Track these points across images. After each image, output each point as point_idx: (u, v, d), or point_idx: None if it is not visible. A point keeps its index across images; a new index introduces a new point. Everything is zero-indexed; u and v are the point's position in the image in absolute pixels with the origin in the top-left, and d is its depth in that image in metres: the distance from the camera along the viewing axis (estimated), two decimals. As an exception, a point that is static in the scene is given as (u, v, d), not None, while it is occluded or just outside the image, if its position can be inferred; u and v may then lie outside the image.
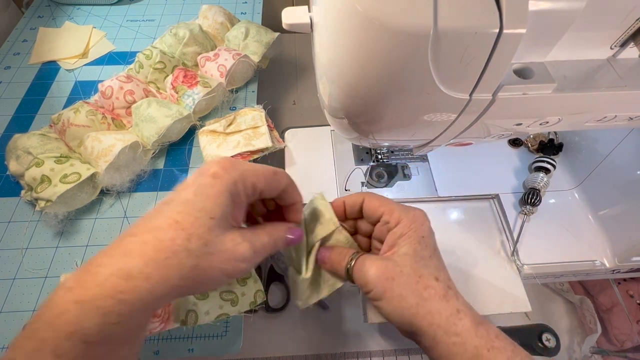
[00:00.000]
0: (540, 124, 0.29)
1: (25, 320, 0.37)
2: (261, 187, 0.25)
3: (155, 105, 0.46)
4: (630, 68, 0.25)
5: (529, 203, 0.44)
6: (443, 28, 0.19)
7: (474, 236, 0.44)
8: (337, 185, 0.47)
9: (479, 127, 0.28)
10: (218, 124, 0.47)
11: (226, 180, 0.23)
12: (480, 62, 0.21)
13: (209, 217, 0.22)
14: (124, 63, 0.58)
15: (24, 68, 0.57)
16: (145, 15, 0.66)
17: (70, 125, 0.46)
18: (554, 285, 0.53)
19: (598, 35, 0.24)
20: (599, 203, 0.45)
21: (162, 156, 0.49)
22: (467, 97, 0.23)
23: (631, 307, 0.50)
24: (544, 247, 0.43)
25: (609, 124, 0.29)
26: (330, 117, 0.33)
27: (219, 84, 0.51)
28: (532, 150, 0.51)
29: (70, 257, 0.41)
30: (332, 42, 0.24)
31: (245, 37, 0.55)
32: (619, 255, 0.42)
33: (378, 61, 0.22)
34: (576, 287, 0.53)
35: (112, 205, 0.45)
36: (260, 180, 0.25)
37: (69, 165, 0.41)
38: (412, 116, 0.27)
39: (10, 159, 0.44)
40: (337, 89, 0.27)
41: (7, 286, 0.39)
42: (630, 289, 0.51)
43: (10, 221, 0.43)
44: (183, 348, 0.36)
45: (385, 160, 0.49)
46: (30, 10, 0.66)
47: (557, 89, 0.24)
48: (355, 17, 0.21)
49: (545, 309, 0.52)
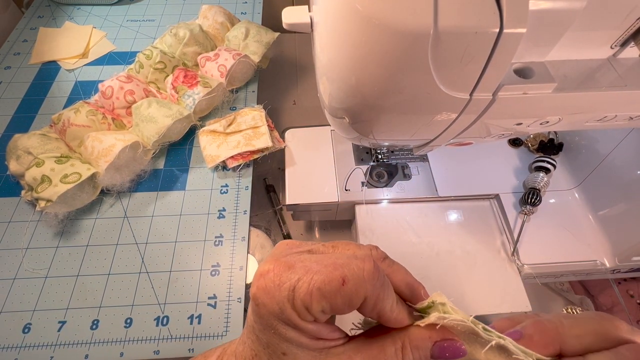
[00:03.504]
0: (541, 124, 0.28)
1: (25, 320, 0.37)
2: (320, 308, 0.18)
3: (156, 105, 0.46)
4: (631, 68, 0.25)
5: (529, 203, 0.44)
6: (443, 28, 0.19)
7: (474, 236, 0.44)
8: (337, 185, 0.47)
9: (479, 127, 0.28)
10: (218, 124, 0.47)
11: (265, 314, 0.19)
12: (480, 61, 0.21)
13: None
14: (124, 63, 0.58)
15: (24, 68, 0.57)
16: (145, 15, 0.66)
17: (71, 125, 0.46)
18: (554, 285, 0.53)
19: (598, 35, 0.23)
20: (599, 203, 0.45)
21: (163, 156, 0.49)
22: (467, 97, 0.23)
23: (631, 307, 0.50)
24: (544, 247, 0.43)
25: (609, 123, 0.29)
26: (330, 117, 0.33)
27: (219, 84, 0.51)
28: (532, 150, 0.51)
29: (70, 257, 0.41)
30: (332, 42, 0.24)
31: (246, 37, 0.55)
32: (619, 255, 0.42)
33: (378, 61, 0.22)
34: (576, 287, 0.52)
35: (113, 205, 0.45)
36: (315, 298, 0.18)
37: (69, 165, 0.41)
38: (412, 116, 0.27)
39: (10, 159, 0.44)
40: (337, 89, 0.27)
41: (7, 286, 0.39)
42: (630, 289, 0.51)
43: (10, 221, 0.43)
44: (183, 348, 0.36)
45: (385, 160, 0.49)
46: (30, 10, 0.66)
47: (557, 88, 0.24)
48: (355, 16, 0.21)
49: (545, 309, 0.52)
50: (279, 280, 0.18)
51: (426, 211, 0.46)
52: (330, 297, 0.18)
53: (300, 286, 0.18)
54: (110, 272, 0.40)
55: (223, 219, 0.44)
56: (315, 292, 0.18)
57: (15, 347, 0.36)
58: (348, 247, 0.22)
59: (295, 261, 0.19)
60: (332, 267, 0.18)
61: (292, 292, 0.18)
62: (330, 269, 0.18)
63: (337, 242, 0.22)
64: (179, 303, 0.39)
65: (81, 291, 0.39)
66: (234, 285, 0.40)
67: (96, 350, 0.36)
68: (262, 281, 0.19)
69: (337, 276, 0.18)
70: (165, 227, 0.43)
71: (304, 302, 0.18)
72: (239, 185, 0.47)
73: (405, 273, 0.22)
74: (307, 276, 0.18)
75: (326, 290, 0.18)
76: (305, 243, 0.22)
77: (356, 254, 0.20)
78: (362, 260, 0.19)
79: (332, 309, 0.18)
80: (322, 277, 0.18)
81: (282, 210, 0.56)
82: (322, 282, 0.18)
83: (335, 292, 0.18)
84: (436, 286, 0.40)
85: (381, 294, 0.19)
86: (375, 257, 0.21)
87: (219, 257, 0.42)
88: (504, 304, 0.40)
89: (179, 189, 0.46)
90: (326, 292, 0.18)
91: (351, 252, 0.21)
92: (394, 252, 0.43)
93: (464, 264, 0.42)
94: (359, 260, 0.19)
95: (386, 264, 0.22)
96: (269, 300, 0.18)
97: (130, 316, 0.38)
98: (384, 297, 0.19)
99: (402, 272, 0.22)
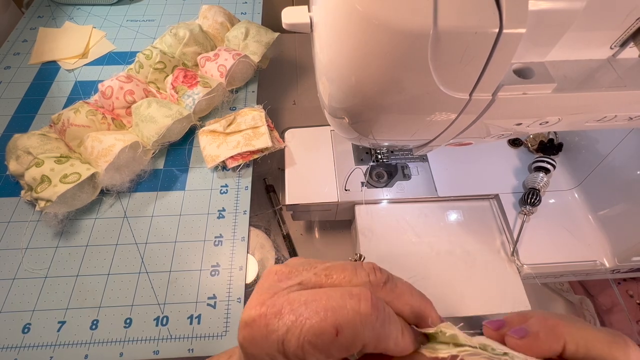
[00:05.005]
0: (540, 124, 0.28)
1: (25, 320, 0.37)
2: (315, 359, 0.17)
3: (156, 105, 0.46)
4: (630, 68, 0.25)
5: (529, 203, 0.44)
6: (443, 28, 0.19)
7: (474, 236, 0.44)
8: (337, 185, 0.47)
9: (478, 127, 0.28)
10: (218, 124, 0.47)
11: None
12: (480, 62, 0.21)
13: None
14: (124, 63, 0.58)
15: (24, 68, 0.57)
16: (145, 15, 0.66)
17: (70, 125, 0.46)
18: (554, 285, 0.53)
19: (598, 35, 0.23)
20: (599, 203, 0.45)
21: (162, 156, 0.49)
22: (467, 97, 0.23)
23: (631, 307, 0.50)
24: (544, 247, 0.43)
25: (609, 124, 0.29)
26: (330, 117, 0.33)
27: (219, 84, 0.51)
28: (532, 150, 0.51)
29: (70, 257, 0.41)
30: (332, 42, 0.24)
31: (245, 37, 0.55)
32: (619, 255, 0.42)
33: (378, 61, 0.22)
34: (576, 287, 0.52)
35: (112, 205, 0.45)
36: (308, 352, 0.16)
37: (69, 165, 0.41)
38: (411, 116, 0.27)
39: (10, 159, 0.44)
40: (337, 89, 0.27)
41: (7, 286, 0.39)
42: (630, 289, 0.51)
43: (10, 221, 0.43)
44: (183, 348, 0.36)
45: (385, 160, 0.49)
46: (30, 10, 0.66)
47: (557, 88, 0.24)
48: (355, 16, 0.21)
49: (545, 309, 0.52)
50: (265, 331, 0.17)
51: (426, 211, 0.46)
52: (324, 349, 0.16)
53: (289, 339, 0.17)
54: (110, 272, 0.40)
55: (223, 219, 0.44)
56: (306, 345, 0.16)
57: (15, 347, 0.36)
58: (343, 273, 0.19)
59: (283, 304, 0.18)
60: (324, 314, 0.16)
61: (282, 345, 0.17)
62: (321, 316, 0.16)
63: (330, 266, 0.20)
64: (178, 303, 0.39)
65: (81, 291, 0.39)
66: (234, 286, 0.40)
67: (96, 350, 0.36)
68: (248, 331, 0.18)
69: (330, 325, 0.16)
70: (165, 227, 0.43)
71: (296, 355, 0.17)
72: (239, 185, 0.47)
73: (410, 295, 0.20)
74: (297, 326, 0.16)
75: (318, 342, 0.16)
76: (296, 270, 0.20)
77: (352, 287, 0.18)
78: (357, 299, 0.17)
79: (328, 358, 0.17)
80: (313, 327, 0.16)
81: (281, 210, 0.56)
82: (314, 334, 0.16)
83: (328, 344, 0.16)
84: (436, 286, 0.40)
85: (383, 333, 0.17)
86: (375, 284, 0.19)
87: (219, 257, 0.42)
88: (504, 304, 0.40)
89: (178, 189, 0.46)
90: (319, 344, 0.16)
91: (347, 281, 0.19)
92: (394, 252, 0.44)
93: (463, 264, 0.42)
94: (354, 300, 0.17)
95: (387, 289, 0.20)
96: (258, 351, 0.17)
97: (130, 316, 0.38)
98: (386, 335, 0.17)
99: (406, 295, 0.20)
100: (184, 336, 0.37)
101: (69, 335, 0.36)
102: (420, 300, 0.20)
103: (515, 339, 0.18)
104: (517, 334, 0.18)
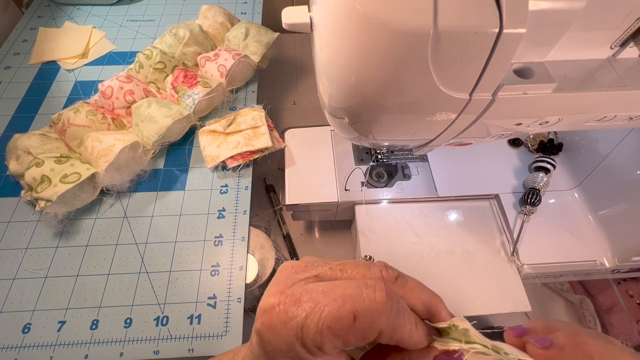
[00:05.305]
0: (540, 124, 0.28)
1: (25, 320, 0.37)
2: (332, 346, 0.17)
3: (156, 105, 0.46)
4: (630, 68, 0.25)
5: (529, 203, 0.44)
6: (443, 28, 0.19)
7: (474, 236, 0.44)
8: (337, 185, 0.47)
9: (478, 127, 0.28)
10: (218, 124, 0.47)
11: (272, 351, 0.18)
12: (480, 61, 0.21)
13: None
14: (124, 63, 0.58)
15: (24, 68, 0.57)
16: (145, 15, 0.66)
17: (71, 125, 0.46)
18: (554, 285, 0.53)
19: (598, 35, 0.23)
20: (599, 203, 0.45)
21: (162, 156, 0.49)
22: (467, 97, 0.23)
23: (631, 307, 0.50)
24: (544, 247, 0.43)
25: (609, 124, 0.29)
26: (330, 117, 0.33)
27: (219, 84, 0.51)
28: (532, 150, 0.51)
29: (70, 257, 0.41)
30: (332, 42, 0.24)
31: (245, 37, 0.55)
32: (619, 255, 0.42)
33: (378, 61, 0.22)
34: (576, 287, 0.52)
35: (112, 205, 0.45)
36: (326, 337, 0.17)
37: (69, 165, 0.41)
38: (411, 116, 0.27)
39: (10, 159, 0.44)
40: (337, 89, 0.27)
41: (7, 286, 0.39)
42: (630, 289, 0.51)
43: (10, 221, 0.43)
44: (183, 348, 0.36)
45: (385, 160, 0.49)
46: (30, 10, 0.66)
47: (557, 88, 0.24)
48: (355, 16, 0.21)
49: (545, 309, 0.52)
50: (285, 317, 0.17)
51: (426, 211, 0.47)
52: (341, 335, 0.17)
53: (308, 324, 0.17)
54: (110, 272, 0.40)
55: (223, 219, 0.44)
56: (325, 330, 0.17)
57: (15, 347, 0.36)
58: (357, 269, 0.20)
59: (302, 293, 0.18)
60: (342, 301, 0.17)
61: (300, 330, 0.17)
62: (339, 303, 0.17)
63: (345, 262, 0.21)
64: (178, 303, 0.39)
65: (81, 291, 0.39)
66: (234, 285, 0.40)
67: (96, 350, 0.36)
68: (267, 317, 0.18)
69: (348, 311, 0.17)
70: (165, 227, 0.43)
71: (315, 341, 0.17)
72: (239, 185, 0.47)
73: (420, 290, 0.21)
74: (316, 313, 0.17)
75: (337, 328, 0.17)
76: (312, 264, 0.21)
77: (366, 279, 0.19)
78: (373, 289, 0.18)
79: (345, 344, 0.17)
80: (331, 313, 0.17)
81: (281, 210, 0.56)
82: (332, 319, 0.17)
83: (346, 329, 0.17)
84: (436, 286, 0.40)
85: (397, 323, 0.18)
86: (387, 279, 0.20)
87: (219, 257, 0.42)
88: (504, 304, 0.40)
89: (178, 189, 0.46)
90: (337, 330, 0.17)
91: (361, 275, 0.20)
92: (394, 252, 0.44)
93: (463, 264, 0.42)
94: (370, 289, 0.18)
95: (399, 284, 0.20)
96: (275, 338, 0.18)
97: (130, 316, 0.38)
98: (401, 325, 0.18)
99: (416, 290, 0.21)
100: (184, 336, 0.37)
101: (69, 335, 0.36)
102: (430, 296, 0.21)
103: (538, 348, 0.18)
104: (540, 344, 0.18)
